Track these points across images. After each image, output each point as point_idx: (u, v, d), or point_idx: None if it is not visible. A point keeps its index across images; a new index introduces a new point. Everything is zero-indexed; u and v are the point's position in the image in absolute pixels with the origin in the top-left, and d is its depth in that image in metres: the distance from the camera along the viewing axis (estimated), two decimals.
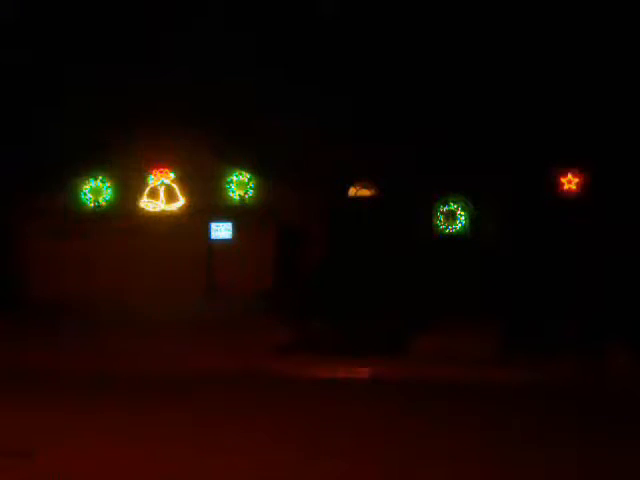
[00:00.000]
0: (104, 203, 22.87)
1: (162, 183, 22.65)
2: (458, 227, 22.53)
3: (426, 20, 19.66)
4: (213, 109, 20.70)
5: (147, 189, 22.65)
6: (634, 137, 19.78)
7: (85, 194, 22.90)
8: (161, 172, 22.66)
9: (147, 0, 20.53)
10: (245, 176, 22.84)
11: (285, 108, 20.23)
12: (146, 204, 22.60)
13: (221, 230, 22.51)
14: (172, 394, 12.01)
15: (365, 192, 22.52)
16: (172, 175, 22.69)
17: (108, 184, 22.89)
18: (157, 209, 22.62)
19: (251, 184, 22.80)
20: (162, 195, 22.61)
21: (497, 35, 19.75)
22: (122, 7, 20.62)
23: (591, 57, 19.55)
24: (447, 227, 22.52)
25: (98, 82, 20.70)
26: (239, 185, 22.82)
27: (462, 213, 22.55)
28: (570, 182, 21.39)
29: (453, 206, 22.58)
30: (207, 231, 22.46)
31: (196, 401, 11.47)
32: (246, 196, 22.77)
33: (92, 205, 22.87)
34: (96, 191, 22.90)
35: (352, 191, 22.48)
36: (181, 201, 22.64)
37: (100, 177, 22.88)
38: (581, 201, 21.01)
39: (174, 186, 22.66)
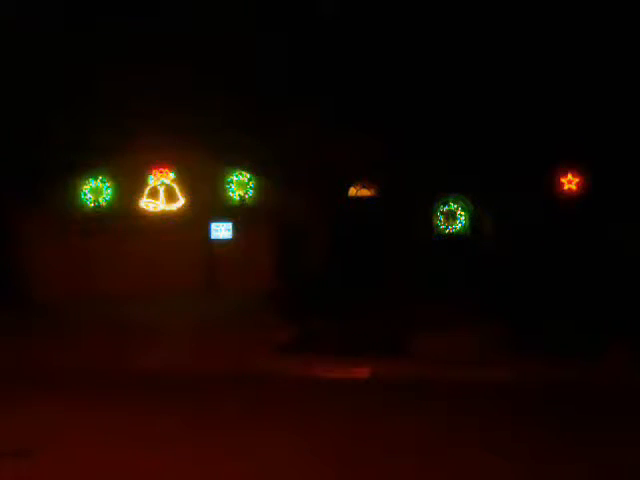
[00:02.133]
0: (104, 203, 22.87)
1: (162, 183, 22.67)
2: (458, 227, 22.55)
3: (426, 19, 19.65)
4: (213, 109, 20.69)
5: (147, 189, 22.65)
6: (634, 137, 19.79)
7: (85, 194, 22.91)
8: (161, 172, 22.67)
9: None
10: (245, 176, 22.86)
11: (285, 108, 20.24)
12: (146, 204, 22.60)
13: (221, 230, 22.53)
14: (172, 393, 12.01)
15: (365, 192, 22.53)
16: (172, 175, 22.71)
17: (108, 184, 22.90)
18: (157, 209, 22.63)
19: (251, 184, 22.82)
20: (162, 195, 22.62)
21: (496, 35, 19.75)
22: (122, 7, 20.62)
23: (591, 57, 19.54)
24: (447, 227, 22.54)
25: (98, 82, 20.69)
26: (239, 185, 22.83)
27: (462, 213, 22.57)
28: (570, 182, 21.39)
29: (453, 206, 22.60)
30: (207, 231, 22.47)
31: (196, 400, 11.47)
32: (246, 196, 22.79)
33: (92, 205, 22.88)
34: (96, 191, 22.91)
35: (352, 191, 22.49)
36: (181, 201, 22.65)
37: (100, 177, 22.89)
38: (581, 201, 21.02)
39: (174, 186, 22.67)
